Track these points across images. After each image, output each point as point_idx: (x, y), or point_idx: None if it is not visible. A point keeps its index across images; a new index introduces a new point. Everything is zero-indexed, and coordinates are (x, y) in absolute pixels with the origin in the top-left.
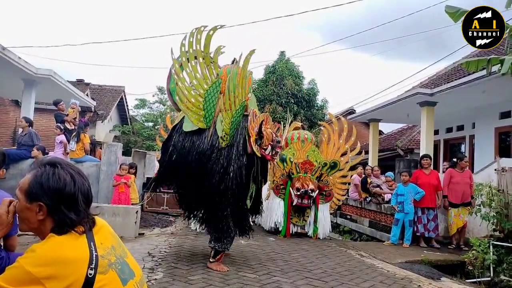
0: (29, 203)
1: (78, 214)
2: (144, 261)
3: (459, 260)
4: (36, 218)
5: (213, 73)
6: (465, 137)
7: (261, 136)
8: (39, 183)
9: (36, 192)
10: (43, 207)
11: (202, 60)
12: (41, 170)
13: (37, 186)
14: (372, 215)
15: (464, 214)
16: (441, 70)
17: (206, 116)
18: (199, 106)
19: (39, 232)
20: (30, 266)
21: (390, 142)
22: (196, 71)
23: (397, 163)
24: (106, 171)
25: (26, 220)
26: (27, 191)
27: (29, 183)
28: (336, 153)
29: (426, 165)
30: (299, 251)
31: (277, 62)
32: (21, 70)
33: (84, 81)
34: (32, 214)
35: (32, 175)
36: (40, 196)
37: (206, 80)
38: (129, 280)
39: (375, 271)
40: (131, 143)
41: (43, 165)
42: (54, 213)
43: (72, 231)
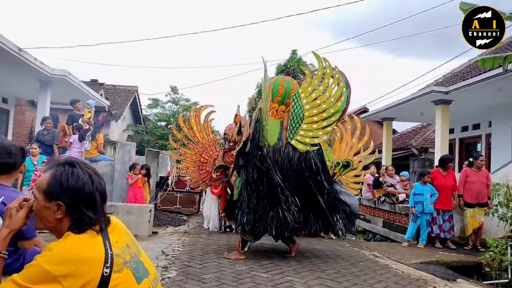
0: (48, 202)
1: (96, 213)
2: (158, 260)
3: (475, 261)
4: (54, 217)
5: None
6: (481, 136)
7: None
8: (58, 183)
9: (55, 191)
10: (62, 206)
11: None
12: (60, 169)
13: (56, 186)
14: (386, 215)
15: (480, 215)
16: (456, 68)
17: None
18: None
19: (56, 230)
20: (48, 264)
21: (404, 141)
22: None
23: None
24: (120, 170)
25: (44, 219)
26: (46, 190)
27: (47, 182)
28: (349, 152)
29: (449, 169)
30: (312, 250)
31: (289, 61)
32: (37, 71)
33: (98, 81)
34: (50, 213)
35: (51, 175)
36: (59, 196)
37: None
38: (144, 278)
39: (389, 272)
40: (144, 143)
41: (61, 164)
42: (72, 212)
43: (89, 230)
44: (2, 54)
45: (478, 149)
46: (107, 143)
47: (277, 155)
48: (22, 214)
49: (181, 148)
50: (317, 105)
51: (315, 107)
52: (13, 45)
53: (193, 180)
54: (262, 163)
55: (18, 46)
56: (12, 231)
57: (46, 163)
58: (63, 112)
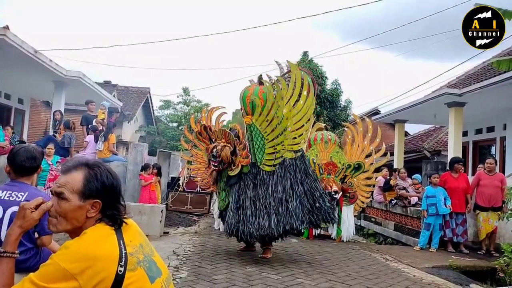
0: (83, 201)
1: (123, 207)
2: (169, 260)
3: (489, 266)
4: (86, 215)
5: None
6: (496, 139)
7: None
8: (100, 181)
9: (95, 190)
10: (98, 203)
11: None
12: (94, 169)
13: (96, 184)
14: (398, 218)
15: (493, 219)
16: (470, 70)
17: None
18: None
19: (78, 230)
20: (65, 262)
21: (416, 144)
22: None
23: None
24: (133, 171)
25: (74, 219)
26: (82, 190)
27: (83, 182)
28: (360, 154)
29: (458, 170)
30: (323, 253)
31: (299, 63)
32: (52, 72)
33: (111, 82)
34: (82, 213)
35: (84, 175)
36: (99, 193)
37: None
38: (157, 278)
39: (400, 276)
40: (156, 143)
41: (91, 165)
42: (107, 209)
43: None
44: (18, 56)
45: (492, 152)
46: (119, 143)
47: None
48: (36, 216)
49: (192, 149)
50: (295, 115)
51: (293, 116)
52: (29, 46)
53: (204, 181)
54: (255, 179)
55: (34, 48)
56: (24, 231)
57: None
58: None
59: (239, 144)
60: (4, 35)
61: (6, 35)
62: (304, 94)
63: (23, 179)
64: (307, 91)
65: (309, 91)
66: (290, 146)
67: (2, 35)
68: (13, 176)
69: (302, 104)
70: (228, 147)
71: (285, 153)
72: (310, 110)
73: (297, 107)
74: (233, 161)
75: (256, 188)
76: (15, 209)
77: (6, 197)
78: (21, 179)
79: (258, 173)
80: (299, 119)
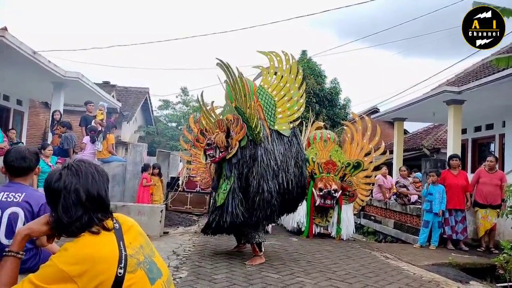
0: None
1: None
2: (169, 260)
3: (489, 263)
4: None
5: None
6: (495, 136)
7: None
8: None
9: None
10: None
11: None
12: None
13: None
14: (397, 216)
15: (492, 216)
16: (469, 67)
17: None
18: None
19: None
20: (64, 264)
21: (415, 142)
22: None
23: (423, 163)
24: (132, 171)
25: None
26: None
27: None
28: (359, 153)
29: (455, 166)
30: (322, 252)
31: (299, 62)
32: (50, 73)
33: (110, 83)
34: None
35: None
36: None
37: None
38: (157, 279)
39: (400, 273)
40: (155, 143)
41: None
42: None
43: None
44: (17, 57)
45: (491, 150)
46: (119, 144)
47: (267, 144)
48: (44, 229)
49: (191, 149)
50: (282, 97)
51: (280, 99)
52: (28, 48)
53: (204, 180)
54: (255, 157)
55: (32, 49)
56: (31, 234)
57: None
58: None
59: (232, 124)
60: (2, 36)
61: (4, 36)
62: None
63: (19, 180)
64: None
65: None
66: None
67: (1, 36)
68: (10, 177)
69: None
70: (221, 133)
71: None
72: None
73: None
74: (230, 144)
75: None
76: (12, 210)
77: (3, 198)
78: (17, 179)
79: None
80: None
